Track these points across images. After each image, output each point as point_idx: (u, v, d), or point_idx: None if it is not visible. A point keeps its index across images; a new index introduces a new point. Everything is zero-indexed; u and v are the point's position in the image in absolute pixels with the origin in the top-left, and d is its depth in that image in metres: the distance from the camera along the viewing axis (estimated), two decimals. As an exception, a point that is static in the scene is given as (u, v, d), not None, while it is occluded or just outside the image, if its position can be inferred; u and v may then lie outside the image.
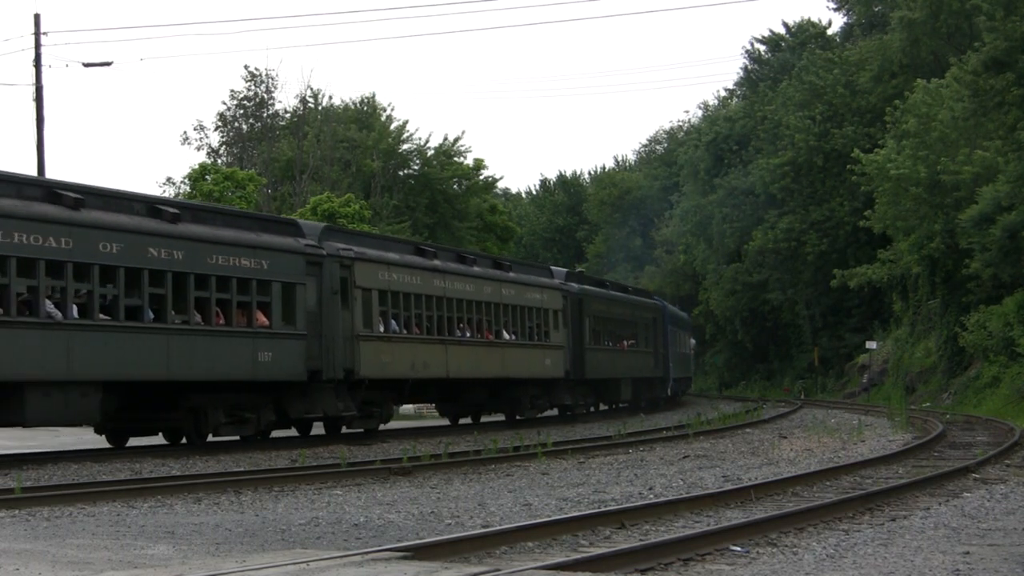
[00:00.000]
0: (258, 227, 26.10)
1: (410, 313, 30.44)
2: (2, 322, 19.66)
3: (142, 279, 22.23)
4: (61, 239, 20.69)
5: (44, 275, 20.40)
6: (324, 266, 27.08)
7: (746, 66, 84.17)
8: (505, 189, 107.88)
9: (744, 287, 73.20)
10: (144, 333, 22.26)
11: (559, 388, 39.74)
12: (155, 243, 22.55)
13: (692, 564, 10.04)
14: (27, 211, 20.19)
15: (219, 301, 24.12)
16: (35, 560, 9.63)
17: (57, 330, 20.64)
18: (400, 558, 9.14)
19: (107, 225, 21.69)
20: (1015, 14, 35.78)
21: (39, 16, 39.57)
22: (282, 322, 25.53)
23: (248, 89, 66.39)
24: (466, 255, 35.86)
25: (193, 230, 23.66)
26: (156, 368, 22.59)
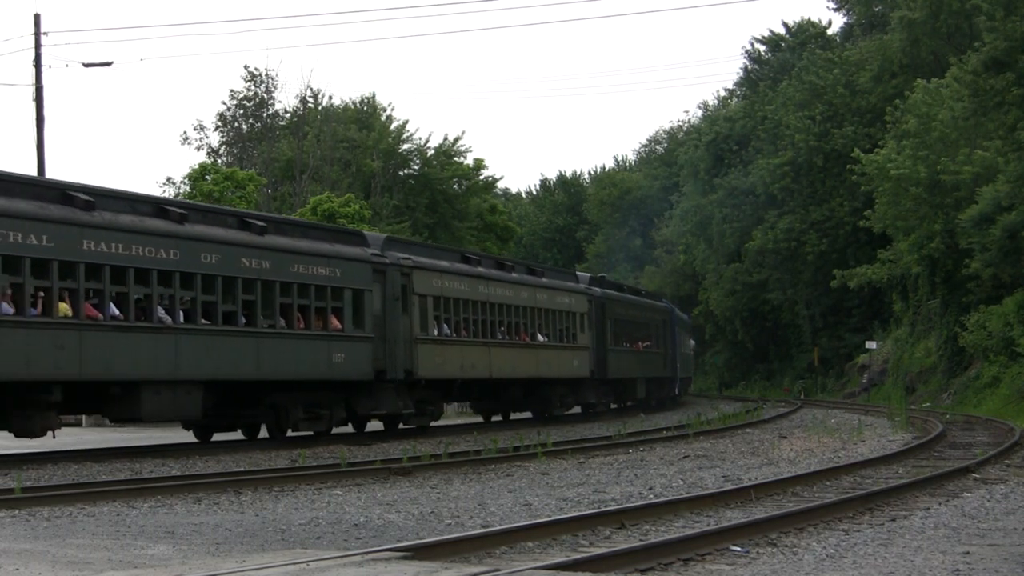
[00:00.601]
0: (331, 238, 28.55)
1: (459, 317, 32.68)
2: (123, 326, 21.84)
3: (236, 287, 24.56)
4: (170, 251, 22.99)
5: (156, 284, 22.70)
6: (387, 274, 29.41)
7: (746, 66, 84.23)
8: (505, 189, 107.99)
9: (744, 287, 73.20)
10: (238, 336, 24.51)
11: (584, 387, 41.86)
12: (247, 254, 24.91)
13: (692, 564, 10.04)
14: (142, 226, 22.51)
15: (300, 306, 26.32)
16: (35, 560, 9.63)
17: (167, 334, 22.81)
18: (400, 558, 9.14)
19: (207, 238, 23.98)
20: (1015, 14, 35.77)
21: (39, 16, 39.56)
22: (352, 326, 27.77)
23: (248, 89, 66.43)
24: (505, 262, 38.38)
25: (278, 241, 25.99)
26: (248, 368, 24.75)
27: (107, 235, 21.74)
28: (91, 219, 21.51)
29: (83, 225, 21.29)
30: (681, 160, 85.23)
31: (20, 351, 20.05)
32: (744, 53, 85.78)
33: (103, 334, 21.55)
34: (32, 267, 20.31)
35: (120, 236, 21.96)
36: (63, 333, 20.82)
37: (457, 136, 73.18)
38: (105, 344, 21.56)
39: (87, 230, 21.35)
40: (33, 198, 20.85)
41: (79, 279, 21.19)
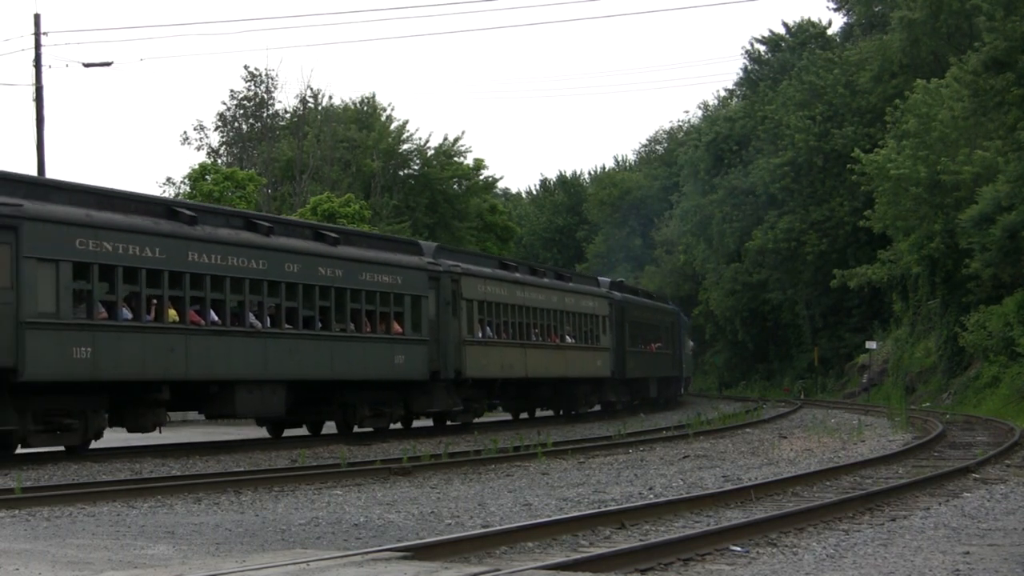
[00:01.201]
0: (391, 247, 30.97)
1: (499, 320, 34.88)
2: (221, 331, 24.03)
3: (314, 294, 26.78)
4: (259, 261, 25.16)
5: (248, 292, 24.84)
6: (440, 281, 31.63)
7: (746, 66, 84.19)
8: (505, 189, 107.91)
9: (744, 287, 73.19)
10: (317, 340, 26.74)
11: (606, 387, 44.27)
12: (323, 263, 27.18)
13: (692, 564, 10.04)
14: (236, 238, 24.80)
15: (367, 312, 28.51)
16: (35, 560, 9.63)
17: (258, 337, 24.98)
18: (400, 558, 9.14)
19: (290, 249, 26.20)
20: (1015, 14, 35.77)
21: (39, 16, 39.56)
22: (411, 330, 30.09)
23: (248, 89, 66.43)
24: (536, 267, 41.27)
25: (348, 251, 28.28)
26: (324, 369, 27.00)
27: (208, 247, 23.95)
28: (194, 233, 23.66)
29: (188, 238, 23.44)
30: (681, 160, 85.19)
31: (137, 353, 22.06)
32: (744, 53, 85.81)
33: (205, 338, 23.67)
34: (147, 277, 22.39)
35: (218, 248, 24.20)
36: (172, 337, 22.91)
37: (457, 136, 73.24)
38: (206, 347, 23.67)
39: (192, 243, 23.52)
40: (146, 214, 23.05)
41: (185, 288, 23.33)
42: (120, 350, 21.69)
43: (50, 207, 20.98)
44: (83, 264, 21.25)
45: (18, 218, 20.14)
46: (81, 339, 21.07)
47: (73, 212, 21.32)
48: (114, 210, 22.32)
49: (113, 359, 21.58)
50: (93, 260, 21.36)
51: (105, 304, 21.79)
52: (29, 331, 20.20)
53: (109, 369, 21.55)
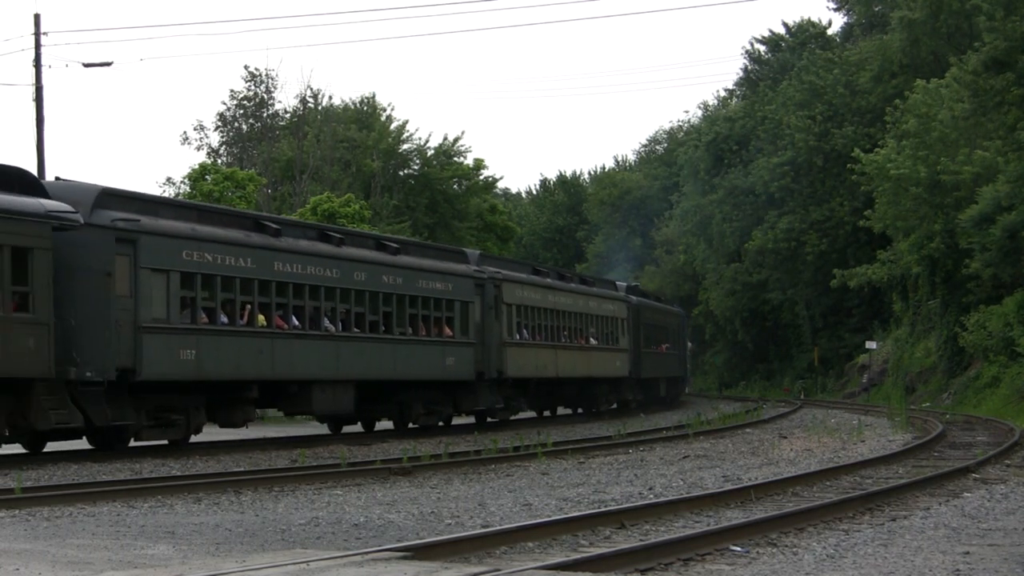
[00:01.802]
0: (442, 256, 33.61)
1: (534, 323, 37.12)
2: (301, 334, 26.16)
3: (378, 300, 29.04)
4: (332, 269, 27.46)
5: (324, 298, 27.08)
6: (485, 287, 34.07)
7: (746, 66, 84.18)
8: (505, 189, 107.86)
9: (744, 287, 73.17)
10: (381, 342, 29.05)
11: (624, 386, 46.83)
12: (386, 272, 29.48)
13: (692, 564, 10.04)
14: (313, 249, 27.14)
15: (422, 316, 30.83)
16: (35, 560, 9.63)
17: (332, 340, 27.15)
18: (400, 558, 9.14)
19: (358, 258, 28.58)
20: (1015, 14, 35.76)
21: (39, 16, 39.55)
22: (460, 333, 32.49)
23: (248, 89, 66.37)
24: (564, 273, 44.43)
25: (407, 260, 30.71)
26: (387, 370, 29.26)
27: (290, 257, 26.21)
28: (279, 244, 25.96)
29: (274, 249, 25.71)
30: (681, 160, 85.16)
31: (233, 355, 24.27)
32: (744, 53, 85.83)
33: (288, 341, 25.89)
34: (240, 285, 24.63)
35: (299, 258, 26.45)
36: (261, 340, 25.11)
37: (457, 136, 73.17)
38: (289, 350, 25.90)
39: (277, 253, 25.77)
40: (238, 227, 25.36)
41: (271, 295, 25.57)
42: (219, 352, 23.93)
43: (161, 222, 23.06)
44: (188, 274, 23.36)
45: (136, 232, 22.17)
46: (187, 342, 23.18)
47: (180, 226, 23.49)
48: (212, 224, 24.62)
49: (213, 360, 23.76)
50: (197, 270, 23.52)
51: (206, 310, 23.85)
52: (145, 335, 22.22)
53: (209, 369, 23.76)
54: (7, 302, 20.05)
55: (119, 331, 21.72)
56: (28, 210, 20.48)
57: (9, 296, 20.11)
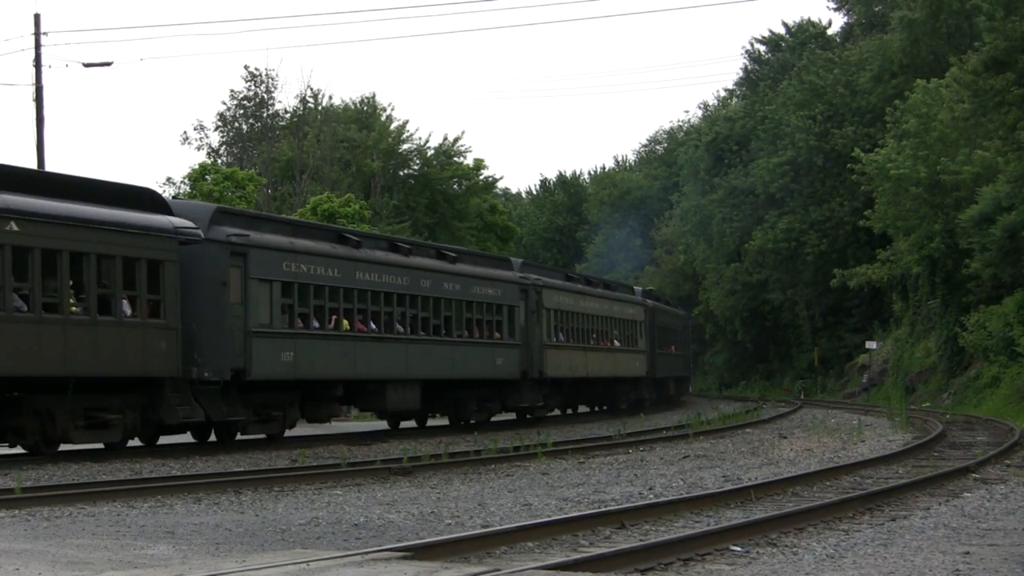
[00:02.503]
0: (491, 263, 36.56)
1: (569, 326, 39.63)
2: (378, 337, 28.72)
3: (440, 305, 31.62)
4: (402, 277, 29.88)
5: (396, 304, 29.61)
6: (528, 292, 36.73)
7: (746, 66, 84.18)
8: (505, 189, 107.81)
9: (744, 287, 73.16)
10: (442, 344, 31.54)
11: (641, 385, 49.48)
12: (446, 279, 32.03)
13: (692, 564, 10.04)
14: (386, 259, 29.62)
15: (476, 320, 33.42)
16: (35, 560, 9.63)
17: (402, 343, 29.77)
18: (400, 558, 9.14)
19: (423, 267, 31.19)
20: (1015, 14, 35.75)
21: (39, 16, 39.56)
22: (508, 335, 35.15)
23: (248, 89, 66.37)
24: (591, 279, 46.96)
25: (463, 268, 33.30)
26: (447, 370, 31.83)
27: (369, 267, 28.73)
28: (359, 255, 28.59)
29: (356, 260, 28.31)
30: (681, 160, 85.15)
31: (323, 357, 26.72)
32: (744, 53, 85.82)
33: (367, 344, 28.38)
34: (328, 293, 27.18)
35: (376, 268, 28.99)
36: (346, 343, 27.56)
37: (457, 136, 73.20)
38: (368, 352, 28.35)
39: (359, 264, 28.36)
40: (324, 240, 28.14)
41: (354, 301, 28.02)
42: (312, 354, 26.40)
43: (265, 236, 25.60)
44: (288, 283, 25.90)
45: (247, 246, 24.68)
46: (287, 345, 25.65)
47: (280, 240, 26.03)
48: (304, 237, 27.25)
49: (307, 362, 26.21)
50: (294, 279, 26.07)
51: (301, 316, 26.31)
52: (254, 339, 24.68)
53: (304, 370, 26.23)
54: (144, 309, 22.53)
55: (233, 335, 24.20)
56: (160, 227, 23.02)
57: (145, 304, 22.59)
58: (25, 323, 20.44)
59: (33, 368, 20.69)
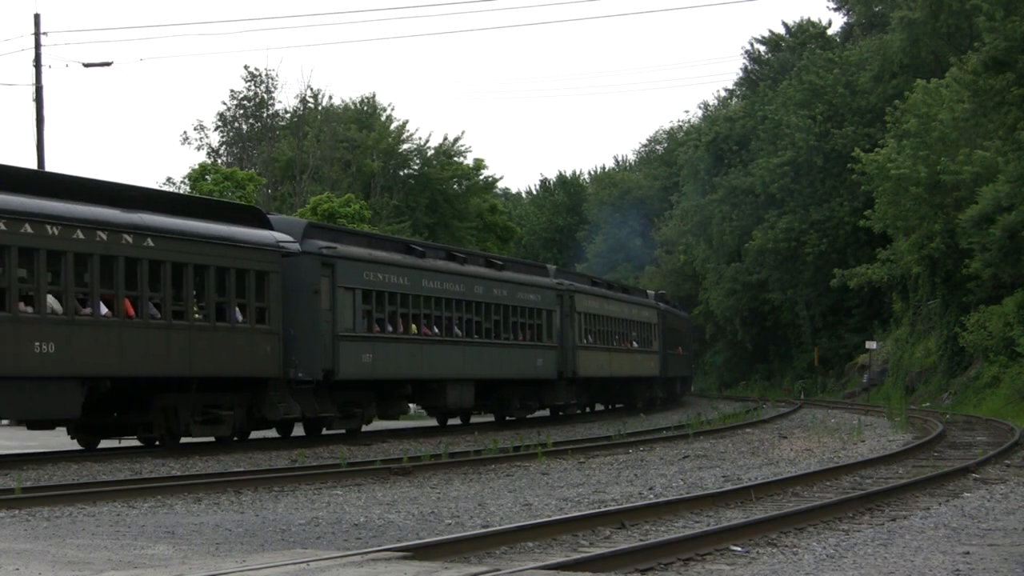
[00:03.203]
0: (531, 270, 39.38)
1: (596, 329, 42.07)
2: (440, 340, 31.24)
3: (491, 310, 34.05)
4: (459, 284, 32.40)
5: (454, 309, 31.98)
6: (563, 297, 39.10)
7: (746, 66, 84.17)
8: (505, 189, 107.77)
9: (744, 287, 73.16)
10: (492, 346, 33.88)
11: (655, 384, 52.11)
12: (496, 286, 34.40)
13: (692, 564, 10.04)
14: (446, 267, 32.27)
15: (520, 324, 35.81)
16: (35, 560, 9.63)
17: (460, 345, 32.15)
18: (400, 558, 9.14)
19: (476, 275, 33.61)
20: (1015, 14, 35.76)
21: (39, 16, 39.63)
22: (546, 338, 37.50)
23: (248, 89, 66.31)
24: (612, 283, 49.76)
25: (509, 275, 35.92)
26: (496, 370, 34.18)
27: (432, 275, 31.16)
28: (424, 264, 31.05)
29: (421, 269, 30.74)
30: (681, 160, 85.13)
31: (395, 359, 29.12)
32: (744, 53, 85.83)
33: (431, 346, 30.80)
34: (400, 300, 29.49)
35: (438, 276, 31.41)
36: (414, 346, 29.96)
37: (457, 136, 73.16)
38: (432, 353, 30.75)
39: (424, 272, 30.81)
40: (395, 250, 30.65)
41: (420, 307, 30.47)
42: (387, 356, 28.76)
43: (349, 248, 28.11)
44: (367, 291, 28.31)
45: (334, 257, 27.17)
46: (367, 348, 27.99)
47: (361, 252, 28.54)
48: (379, 248, 29.92)
49: (383, 363, 28.56)
50: (372, 287, 28.48)
51: (378, 321, 28.70)
52: (341, 342, 27.02)
53: (381, 370, 28.60)
54: (252, 316, 24.90)
55: (323, 339, 26.55)
56: (265, 242, 25.57)
57: (254, 311, 24.94)
58: (158, 329, 22.81)
59: (164, 369, 23.03)
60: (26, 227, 20.23)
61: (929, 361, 52.16)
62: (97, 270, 21.56)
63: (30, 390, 20.51)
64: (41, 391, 20.71)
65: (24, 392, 20.42)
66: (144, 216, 22.71)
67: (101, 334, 21.61)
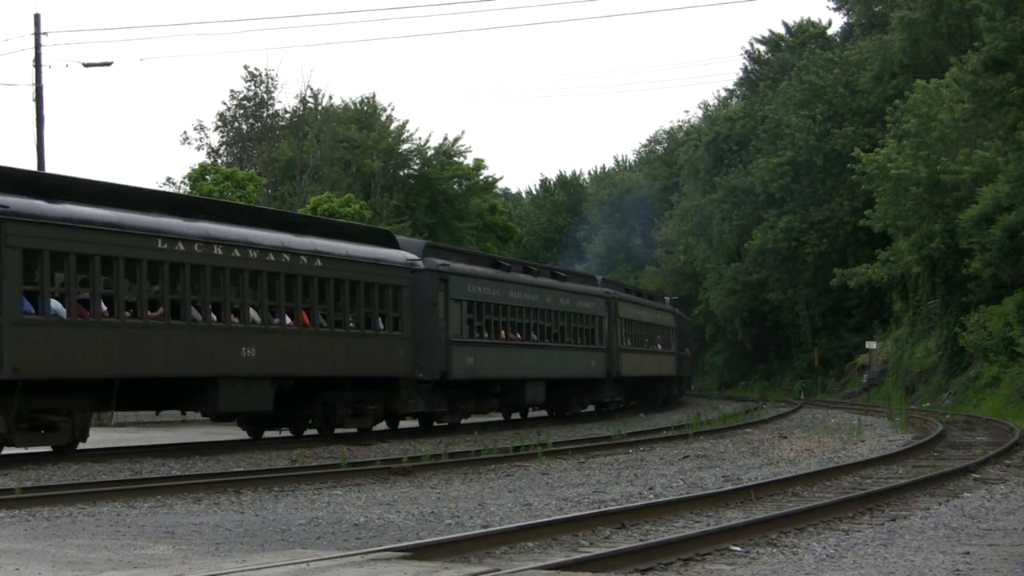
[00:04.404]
0: (583, 280, 44.01)
1: (633, 332, 46.81)
2: (518, 344, 35.25)
3: (558, 317, 38.29)
4: (534, 295, 36.74)
5: (531, 316, 36.36)
6: (610, 304, 43.36)
7: (746, 66, 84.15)
8: (505, 189, 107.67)
9: (744, 287, 73.14)
10: (559, 349, 38.27)
11: (671, 383, 57.38)
12: (560, 295, 38.85)
13: (692, 564, 10.04)
14: (526, 280, 36.88)
15: (579, 329, 40.10)
16: (35, 560, 9.63)
17: (535, 348, 36.42)
18: (400, 558, 9.14)
19: (546, 285, 38.11)
20: (1015, 14, 35.76)
21: (39, 16, 39.58)
22: (598, 341, 41.69)
23: (248, 89, 66.29)
24: (642, 291, 55.74)
25: (570, 285, 40.38)
26: (563, 370, 38.69)
27: (516, 287, 35.67)
28: (510, 277, 35.73)
29: (508, 282, 35.33)
30: (681, 160, 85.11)
31: (489, 361, 33.45)
32: (744, 53, 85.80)
33: (515, 349, 35.14)
34: (493, 309, 33.91)
35: (519, 287, 35.96)
36: (503, 349, 34.42)
37: (457, 136, 73.10)
38: (516, 356, 35.11)
39: (510, 285, 35.37)
40: (487, 265, 35.55)
41: (508, 315, 34.91)
42: (485, 359, 33.11)
43: (457, 265, 32.69)
44: (471, 302, 32.61)
45: (448, 273, 31.67)
46: (470, 352, 32.30)
47: (465, 267, 33.22)
48: (476, 264, 34.74)
49: (481, 365, 32.87)
50: (474, 299, 32.81)
51: (477, 328, 32.88)
52: (453, 347, 31.33)
53: (479, 371, 33.00)
54: (390, 324, 29.14)
55: (439, 344, 30.73)
56: (399, 260, 30.07)
57: (391, 320, 29.20)
58: (327, 336, 27.01)
59: (330, 370, 27.13)
60: (235, 252, 24.44)
61: (929, 361, 52.15)
62: (283, 286, 25.72)
63: (240, 387, 24.42)
64: (246, 388, 24.64)
65: (235, 388, 24.29)
66: (315, 241, 27.23)
67: (288, 340, 25.80)
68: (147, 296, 22.44)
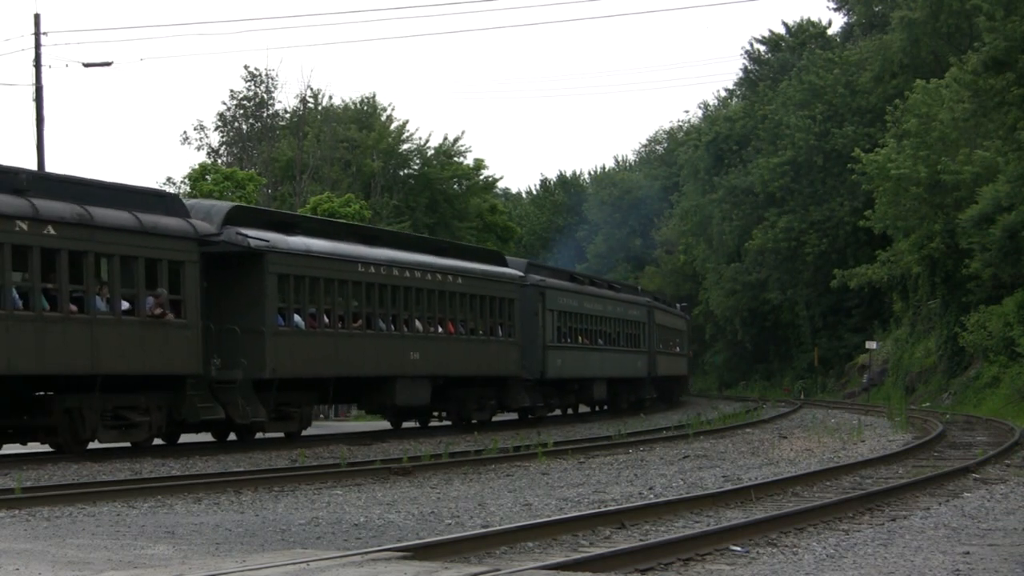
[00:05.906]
0: (631, 291, 50.88)
1: (663, 337, 52.47)
2: (591, 348, 41.13)
3: (616, 323, 44.31)
4: (599, 304, 42.51)
5: (597, 323, 42.05)
6: (649, 311, 49.94)
7: (746, 66, 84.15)
8: (505, 189, 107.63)
9: (744, 287, 73.15)
10: (616, 352, 44.23)
11: (684, 382, 63.03)
12: (619, 305, 45.29)
13: (692, 564, 10.04)
14: (597, 292, 43.46)
15: (629, 335, 46.21)
16: (35, 560, 9.63)
17: (600, 351, 42.27)
18: (400, 558, 9.14)
19: (606, 296, 44.33)
20: (1015, 14, 35.75)
21: (39, 16, 39.50)
22: (643, 345, 48.15)
23: (248, 89, 66.25)
24: (658, 295, 62.17)
25: (623, 296, 47.36)
26: (619, 370, 44.70)
27: (590, 299, 42.02)
28: (586, 290, 42.23)
29: (584, 293, 41.67)
30: (681, 160, 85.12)
31: (571, 362, 39.05)
32: (744, 53, 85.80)
33: (589, 352, 40.90)
34: (573, 317, 39.61)
35: (593, 299, 42.17)
36: (580, 352, 39.96)
37: (457, 136, 73.15)
38: (589, 358, 40.85)
39: (585, 296, 41.53)
40: (567, 279, 41.87)
41: (583, 323, 40.72)
42: (569, 360, 38.72)
43: (550, 280, 38.91)
44: (560, 312, 38.47)
45: (545, 287, 37.73)
46: (559, 355, 37.87)
47: (556, 282, 39.36)
48: (559, 278, 40.78)
49: (567, 366, 38.56)
50: (563, 309, 38.80)
51: (564, 334, 38.43)
52: (549, 351, 37.20)
53: (565, 372, 38.49)
54: (505, 331, 34.84)
55: (538, 348, 36.43)
56: (512, 276, 35.77)
57: (507, 328, 34.88)
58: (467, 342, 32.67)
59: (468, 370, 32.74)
60: (406, 272, 30.04)
61: (929, 361, 52.15)
62: (436, 300, 31.28)
63: (409, 385, 29.89)
64: (413, 385, 30.12)
65: (407, 386, 29.77)
66: (456, 262, 32.73)
67: (441, 346, 31.40)
68: (351, 310, 28.04)
